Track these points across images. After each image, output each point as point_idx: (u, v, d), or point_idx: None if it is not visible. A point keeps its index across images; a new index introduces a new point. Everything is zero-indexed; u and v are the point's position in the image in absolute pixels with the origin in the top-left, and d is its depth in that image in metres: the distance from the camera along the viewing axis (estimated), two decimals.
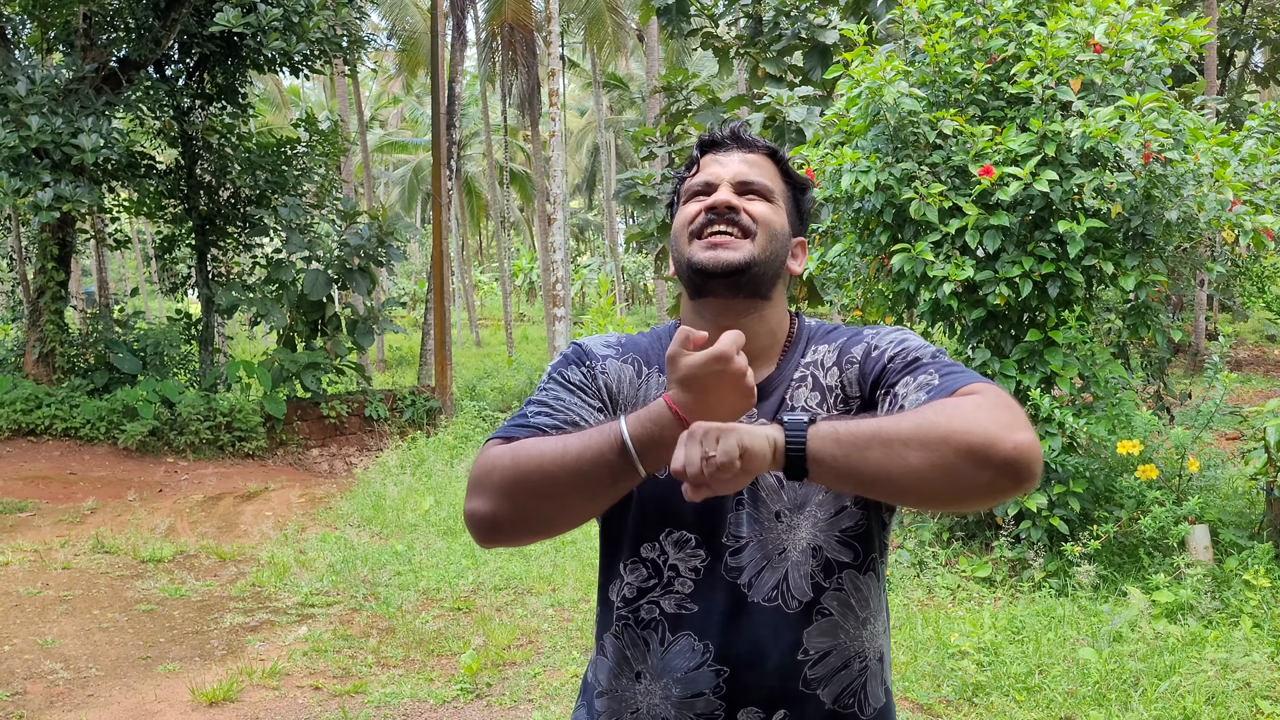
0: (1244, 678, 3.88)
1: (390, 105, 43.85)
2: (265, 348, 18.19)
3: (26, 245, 13.37)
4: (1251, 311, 15.60)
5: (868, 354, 1.34)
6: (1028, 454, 1.07)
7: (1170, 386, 9.12)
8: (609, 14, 25.57)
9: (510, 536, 1.24)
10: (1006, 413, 1.10)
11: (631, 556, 1.36)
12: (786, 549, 1.31)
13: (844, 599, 1.33)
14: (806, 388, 1.36)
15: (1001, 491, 1.09)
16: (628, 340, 1.45)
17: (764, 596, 1.31)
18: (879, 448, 1.08)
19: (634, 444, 1.14)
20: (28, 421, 11.37)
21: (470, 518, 1.23)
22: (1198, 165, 5.01)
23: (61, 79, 11.42)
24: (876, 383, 1.31)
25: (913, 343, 1.31)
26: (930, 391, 1.19)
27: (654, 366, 1.41)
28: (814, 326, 1.44)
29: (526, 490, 1.18)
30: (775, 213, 1.39)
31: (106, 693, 4.53)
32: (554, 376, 1.39)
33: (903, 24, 5.93)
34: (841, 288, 6.48)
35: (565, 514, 1.21)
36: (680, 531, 1.34)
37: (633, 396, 1.39)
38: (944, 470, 1.07)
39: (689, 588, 1.33)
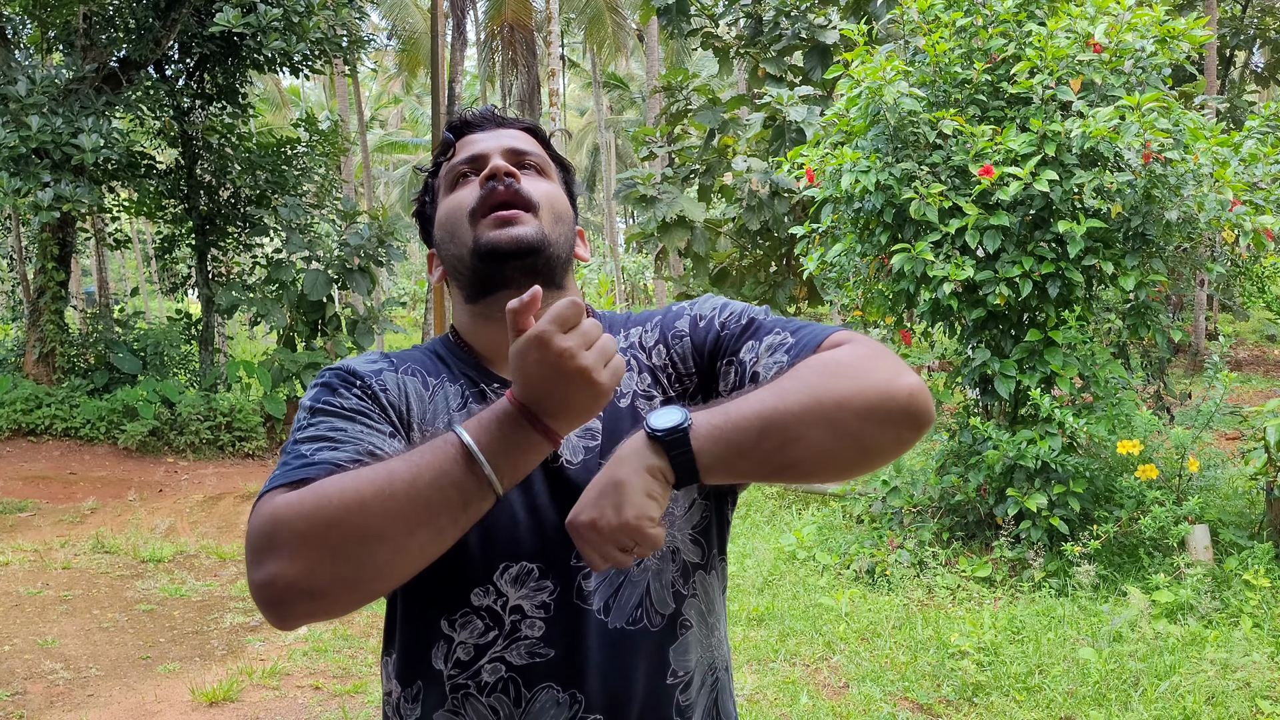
0: (1244, 678, 3.88)
1: (390, 105, 43.87)
2: (265, 348, 18.19)
3: (26, 245, 13.38)
4: (1252, 311, 15.60)
5: (695, 324, 1.19)
6: (921, 397, 0.98)
7: (1170, 386, 9.12)
8: (609, 14, 25.58)
9: (331, 601, 0.93)
10: (886, 359, 1.00)
11: (459, 609, 1.10)
12: (646, 558, 1.11)
13: (698, 605, 1.16)
14: (632, 372, 1.18)
15: (905, 444, 1.00)
16: (398, 353, 1.23)
17: (627, 619, 1.11)
18: (774, 433, 0.94)
19: (483, 453, 0.92)
20: (28, 421, 11.37)
21: (267, 589, 0.92)
22: (1198, 165, 5.01)
23: (61, 79, 11.42)
24: (714, 353, 1.16)
25: (737, 305, 1.18)
26: (788, 351, 1.06)
27: (441, 375, 1.18)
28: (610, 315, 1.27)
29: (348, 535, 0.91)
30: (555, 190, 1.23)
31: (106, 693, 4.53)
32: (319, 408, 1.09)
33: (903, 24, 5.94)
34: (841, 288, 6.48)
35: (404, 558, 0.94)
36: (519, 563, 1.09)
37: (425, 411, 1.14)
38: (849, 438, 0.96)
39: (539, 629, 1.09)
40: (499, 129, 1.26)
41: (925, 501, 5.87)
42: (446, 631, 1.11)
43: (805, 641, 4.68)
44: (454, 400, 1.16)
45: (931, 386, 5.98)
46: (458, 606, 1.10)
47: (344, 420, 1.07)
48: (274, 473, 1.02)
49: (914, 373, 1.00)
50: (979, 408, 5.94)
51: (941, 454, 5.88)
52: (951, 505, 5.75)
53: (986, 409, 5.95)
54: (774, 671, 4.35)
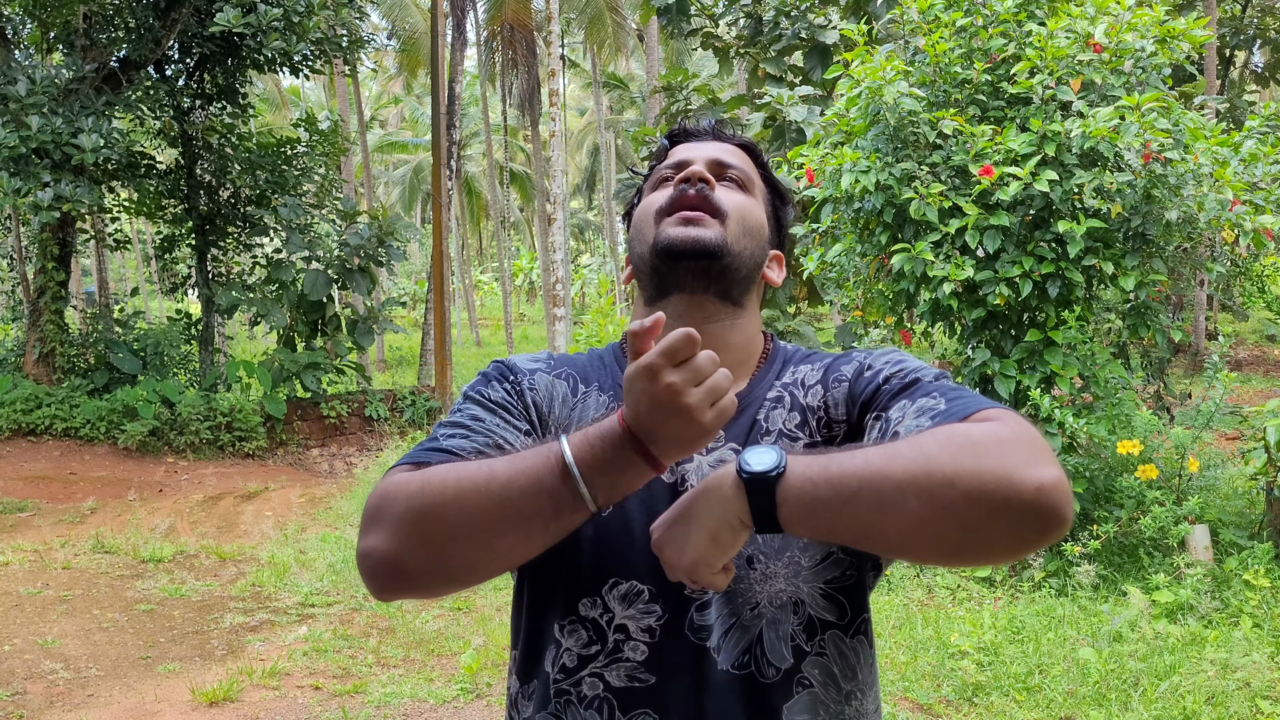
0: (1244, 678, 3.88)
1: (390, 105, 43.86)
2: (265, 348, 18.19)
3: (27, 245, 13.38)
4: (1252, 311, 15.60)
5: (859, 373, 1.13)
6: (1054, 495, 0.86)
7: (1170, 386, 9.12)
8: (609, 14, 25.58)
9: (418, 585, 0.97)
10: (1026, 444, 0.89)
11: (568, 615, 1.09)
12: (760, 604, 1.07)
13: (826, 666, 1.08)
14: (784, 408, 1.14)
15: (1024, 544, 0.88)
16: (561, 356, 1.24)
17: (734, 662, 1.06)
18: (869, 496, 0.88)
19: (579, 468, 0.91)
20: (28, 421, 11.37)
21: (365, 559, 0.97)
22: (1198, 165, 5.01)
23: (61, 79, 11.42)
24: (867, 404, 1.09)
25: (911, 363, 1.11)
26: (934, 417, 0.97)
27: (593, 384, 1.18)
28: (791, 350, 1.23)
29: (441, 526, 0.94)
30: (753, 205, 1.21)
31: (106, 693, 4.53)
32: (471, 396, 1.15)
33: (903, 24, 5.94)
34: (841, 288, 6.48)
35: (492, 556, 0.95)
36: (629, 582, 1.07)
37: (566, 417, 1.15)
38: (951, 521, 0.87)
39: (642, 654, 1.06)
40: (714, 141, 1.26)
41: None
42: (556, 636, 1.10)
43: None
44: (596, 410, 1.15)
45: None
46: (567, 613, 1.09)
47: (486, 410, 1.12)
48: (412, 449, 1.07)
49: (1057, 467, 0.88)
50: None
51: None
52: None
53: None
54: None
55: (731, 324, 1.18)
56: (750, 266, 1.18)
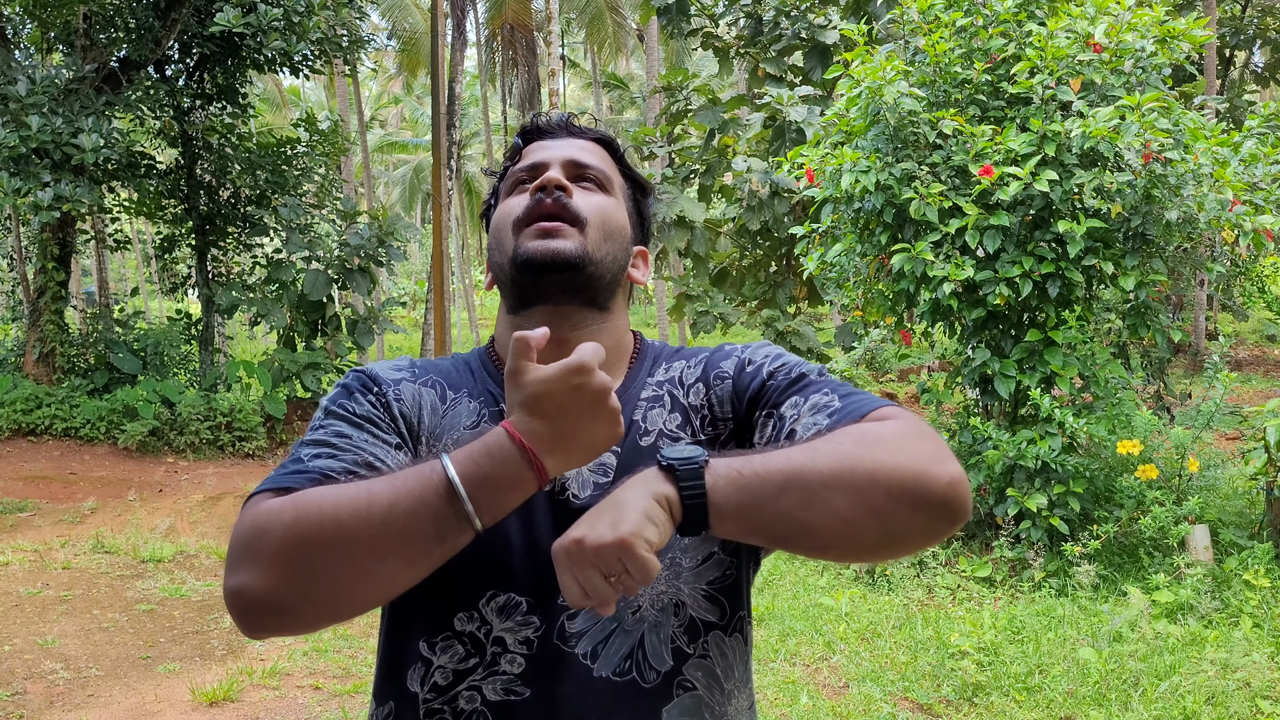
0: (1244, 678, 3.88)
1: (390, 105, 43.87)
2: (265, 348, 18.20)
3: (26, 245, 13.38)
4: (1251, 311, 15.61)
5: (741, 368, 1.12)
6: (962, 488, 0.92)
7: (1170, 386, 9.12)
8: (609, 14, 25.58)
9: (293, 619, 0.92)
10: (930, 441, 0.94)
11: (442, 631, 1.06)
12: (642, 607, 1.05)
13: (709, 668, 1.08)
14: (663, 408, 1.12)
15: (935, 535, 0.94)
16: (425, 362, 1.18)
17: (613, 669, 1.04)
18: (796, 491, 0.89)
19: (465, 487, 0.88)
20: (28, 421, 11.37)
21: (238, 598, 0.90)
22: (1198, 165, 5.01)
23: (61, 79, 11.42)
24: (755, 401, 1.09)
25: (790, 358, 1.12)
26: (832, 415, 1.00)
27: (462, 390, 1.13)
28: (659, 346, 1.21)
29: (318, 555, 0.89)
30: (613, 207, 1.17)
31: (107, 693, 4.53)
32: (333, 410, 1.08)
33: (903, 24, 5.94)
34: (841, 288, 6.49)
35: (373, 584, 0.91)
36: (507, 594, 1.04)
37: (436, 426, 1.11)
38: (875, 515, 0.90)
39: (519, 666, 1.04)
40: (569, 138, 1.21)
41: None
42: (425, 654, 1.06)
43: (805, 641, 4.68)
44: (467, 418, 1.11)
45: (931, 386, 5.98)
46: (439, 629, 1.06)
47: (351, 426, 1.05)
48: (271, 472, 1.01)
49: (957, 462, 0.94)
50: (979, 408, 5.94)
51: None
52: None
53: (986, 409, 5.95)
54: (774, 671, 4.35)
55: (599, 328, 1.14)
56: (614, 271, 1.15)
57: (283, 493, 0.95)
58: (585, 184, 1.16)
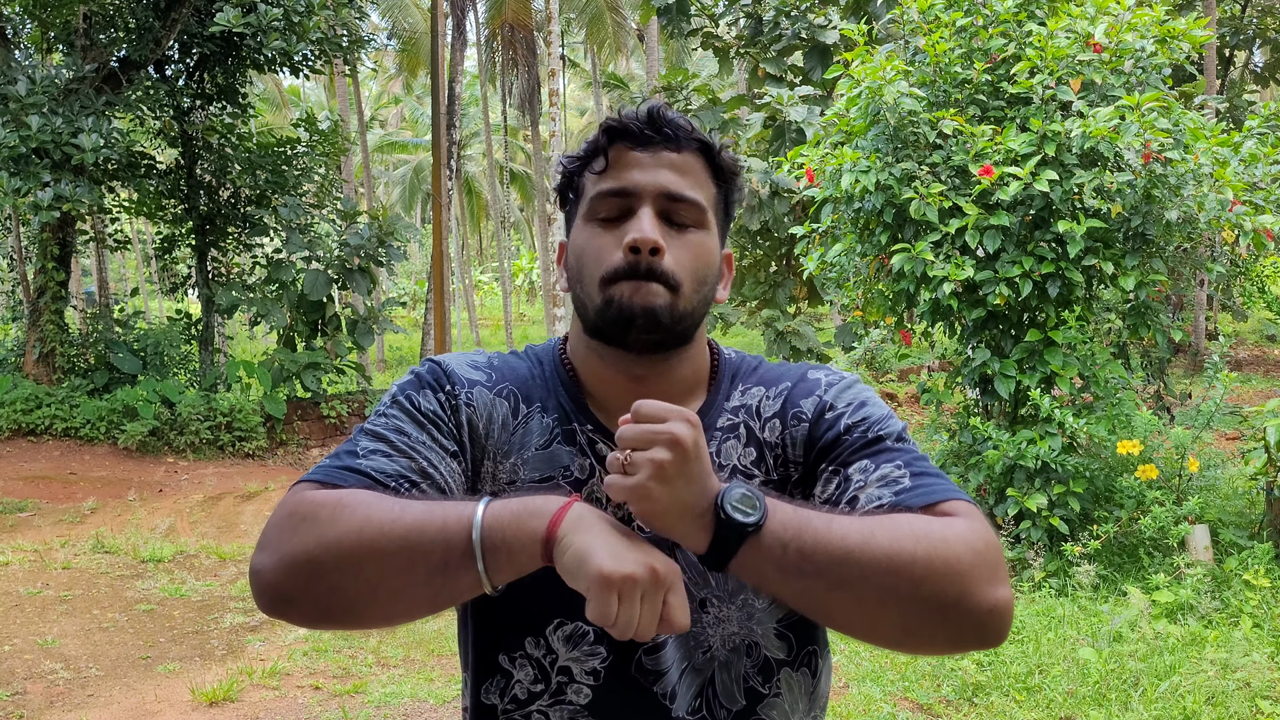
0: (1244, 678, 3.88)
1: (390, 105, 43.87)
2: (265, 348, 18.20)
3: (26, 245, 13.38)
4: (1251, 311, 15.61)
5: (821, 414, 1.08)
6: (1003, 617, 0.89)
7: (1170, 386, 9.12)
8: (609, 14, 25.58)
9: (300, 614, 0.93)
10: (990, 557, 0.90)
11: (515, 650, 1.06)
12: (713, 646, 1.04)
13: (782, 706, 1.07)
14: (739, 441, 1.08)
15: (959, 650, 0.92)
16: (500, 363, 1.13)
17: (688, 708, 1.03)
18: (833, 576, 0.87)
19: (483, 543, 0.87)
20: (28, 421, 11.37)
21: (254, 578, 0.93)
22: (1198, 165, 5.01)
23: (61, 79, 11.43)
24: (826, 453, 1.05)
25: (875, 411, 1.07)
26: (899, 494, 0.97)
27: (535, 404, 1.09)
28: (735, 360, 1.16)
29: (332, 560, 0.89)
30: (707, 244, 1.07)
31: (106, 693, 4.53)
32: (400, 401, 1.06)
33: (903, 24, 5.94)
34: (841, 288, 6.48)
35: (375, 603, 0.91)
36: (574, 623, 1.03)
37: (505, 443, 1.07)
38: (899, 619, 0.88)
39: (585, 697, 1.03)
40: (662, 150, 1.06)
41: None
42: (505, 666, 1.07)
43: None
44: (539, 436, 1.08)
45: (931, 386, 5.98)
46: (516, 647, 1.06)
47: (413, 424, 1.03)
48: (325, 459, 1.01)
49: (1007, 584, 0.91)
50: (979, 408, 5.94)
51: (942, 454, 5.88)
52: None
53: (986, 409, 5.95)
54: None
55: (681, 359, 1.09)
56: (702, 311, 1.08)
57: (329, 487, 0.95)
58: (679, 224, 1.06)
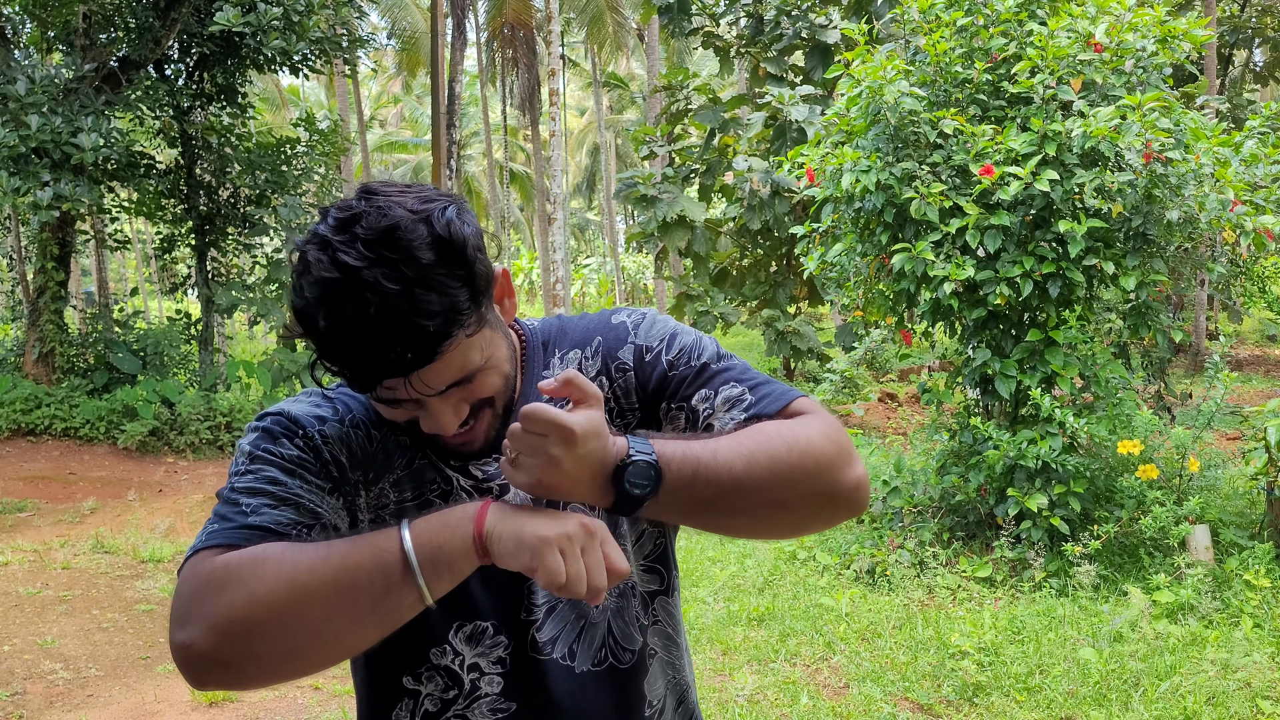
0: (1245, 678, 3.88)
1: (390, 105, 43.86)
2: (265, 348, 18.19)
3: (26, 245, 13.38)
4: (1250, 312, 15.61)
5: (640, 358, 1.11)
6: (865, 490, 1.04)
7: (1171, 386, 9.12)
8: (609, 13, 25.57)
9: (239, 676, 0.92)
10: (843, 441, 1.02)
11: (421, 665, 1.09)
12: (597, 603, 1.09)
13: (663, 630, 1.17)
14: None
15: (836, 523, 1.05)
16: (337, 396, 1.12)
17: (592, 661, 1.10)
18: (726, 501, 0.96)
19: (418, 558, 0.89)
20: (27, 421, 11.37)
21: (183, 653, 0.90)
22: (1199, 165, 5.01)
23: (61, 78, 11.42)
24: (659, 392, 1.10)
25: (686, 337, 1.11)
26: (746, 409, 1.05)
27: (386, 428, 1.09)
28: (541, 331, 1.16)
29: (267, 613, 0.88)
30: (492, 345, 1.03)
31: (106, 693, 4.53)
32: (259, 456, 1.03)
33: (904, 23, 5.94)
34: (842, 287, 6.48)
35: (321, 646, 0.91)
36: (472, 623, 1.08)
37: (368, 468, 1.08)
38: (788, 515, 1.02)
39: (499, 685, 1.08)
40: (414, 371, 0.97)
41: (926, 502, 5.86)
42: (411, 686, 1.10)
43: (806, 641, 4.68)
44: (399, 457, 1.08)
45: (932, 386, 5.98)
46: (420, 662, 1.09)
47: (284, 473, 1.02)
48: (210, 525, 0.97)
49: (861, 462, 1.04)
50: (979, 408, 5.93)
51: (942, 454, 5.88)
52: (952, 505, 5.75)
53: (987, 409, 5.94)
54: (774, 672, 4.34)
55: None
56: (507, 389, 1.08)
57: (229, 549, 0.93)
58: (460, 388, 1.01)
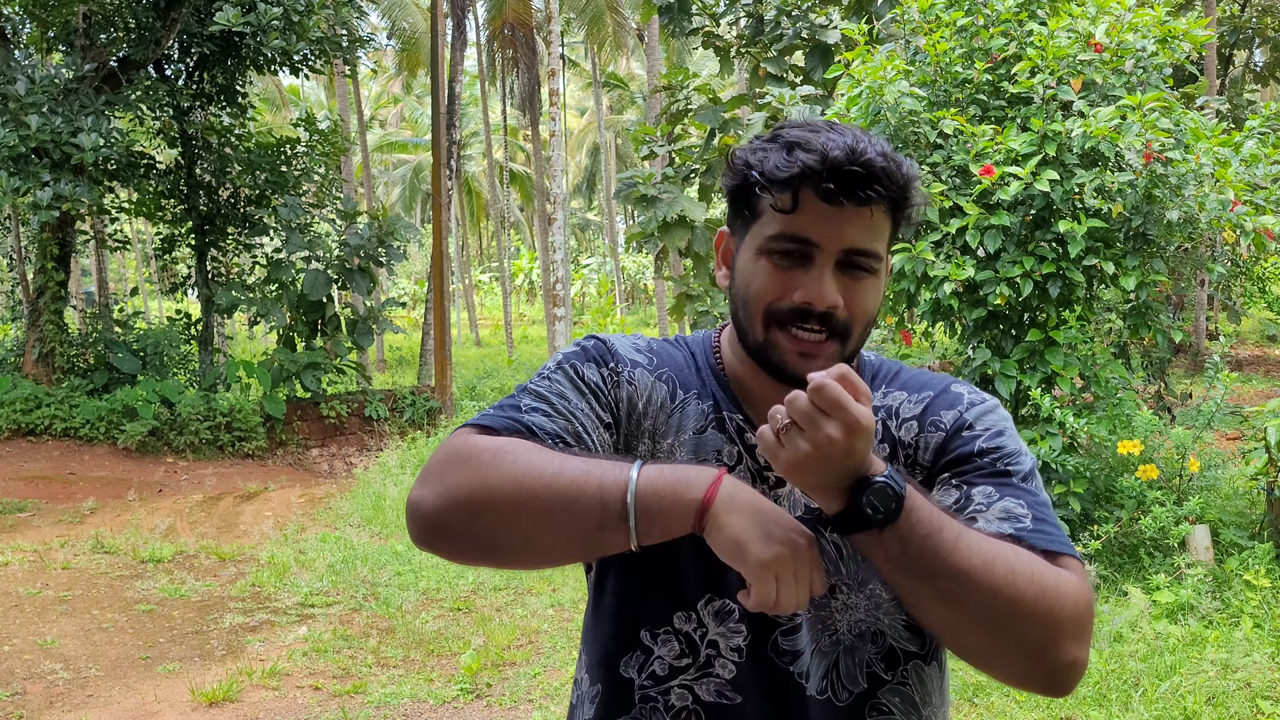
0: (1245, 678, 3.88)
1: (390, 105, 43.85)
2: (265, 348, 18.19)
3: (26, 245, 13.37)
4: (1250, 312, 15.60)
5: (958, 429, 1.10)
6: (1077, 673, 0.96)
7: (1171, 386, 9.12)
8: (609, 13, 25.57)
9: (454, 548, 0.99)
10: (1085, 616, 0.96)
11: (662, 625, 1.10)
12: (839, 631, 1.10)
13: (908, 694, 1.13)
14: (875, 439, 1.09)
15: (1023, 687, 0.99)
16: (660, 349, 1.18)
17: (817, 688, 1.09)
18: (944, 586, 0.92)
19: (638, 508, 0.93)
20: (27, 421, 11.36)
21: (413, 509, 0.98)
22: (1199, 165, 5.01)
23: (61, 78, 11.42)
24: (951, 465, 1.09)
25: (1010, 444, 1.09)
26: (1018, 531, 1.00)
27: (691, 390, 1.14)
28: (875, 363, 1.20)
29: (490, 500, 0.95)
30: (877, 288, 1.09)
31: (106, 693, 4.53)
32: (564, 367, 1.11)
33: (904, 23, 5.93)
34: None
35: (529, 547, 0.97)
36: (723, 599, 1.09)
37: (664, 424, 1.12)
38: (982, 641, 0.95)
39: (730, 672, 1.09)
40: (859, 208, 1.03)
41: None
42: (646, 643, 1.11)
43: None
44: (694, 421, 1.13)
45: None
46: (662, 622, 1.10)
47: (575, 391, 1.09)
48: (489, 408, 1.07)
49: (1088, 648, 0.97)
50: None
51: None
52: None
53: None
54: None
55: None
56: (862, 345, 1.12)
57: (490, 431, 1.01)
58: (856, 271, 1.06)
